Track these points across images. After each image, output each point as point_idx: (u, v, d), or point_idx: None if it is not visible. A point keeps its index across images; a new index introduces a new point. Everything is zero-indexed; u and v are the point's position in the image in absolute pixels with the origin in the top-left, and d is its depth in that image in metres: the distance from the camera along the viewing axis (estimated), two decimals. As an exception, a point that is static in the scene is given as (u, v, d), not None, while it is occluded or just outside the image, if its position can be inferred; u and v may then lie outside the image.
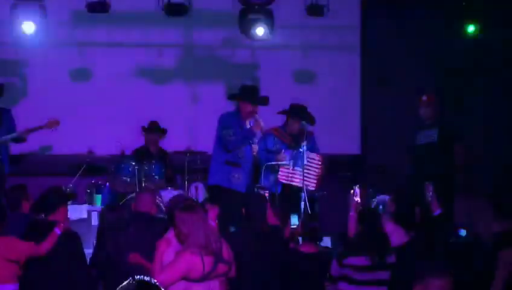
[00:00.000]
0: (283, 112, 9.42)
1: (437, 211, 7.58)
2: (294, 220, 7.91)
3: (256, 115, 9.16)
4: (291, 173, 9.13)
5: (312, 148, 9.31)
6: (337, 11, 11.13)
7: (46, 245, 6.85)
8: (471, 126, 10.95)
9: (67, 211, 7.28)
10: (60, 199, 7.25)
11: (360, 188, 8.17)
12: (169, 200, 7.37)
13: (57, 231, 6.89)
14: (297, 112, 9.37)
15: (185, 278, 5.81)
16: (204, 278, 5.86)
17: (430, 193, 7.73)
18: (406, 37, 11.57)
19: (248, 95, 9.23)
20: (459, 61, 11.53)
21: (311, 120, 9.36)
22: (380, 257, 6.93)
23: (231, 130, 9.08)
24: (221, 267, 5.98)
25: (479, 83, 11.59)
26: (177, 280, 5.81)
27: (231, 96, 9.57)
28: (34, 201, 7.73)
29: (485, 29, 11.20)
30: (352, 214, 7.74)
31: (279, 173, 9.14)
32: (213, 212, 7.21)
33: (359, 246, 7.04)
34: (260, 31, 10.79)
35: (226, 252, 6.07)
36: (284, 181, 9.13)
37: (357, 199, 8.11)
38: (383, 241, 7.07)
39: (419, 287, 5.17)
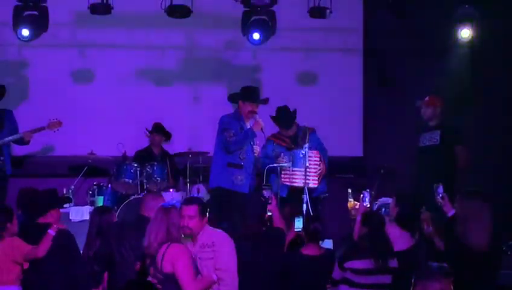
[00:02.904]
0: (272, 119, 9.44)
1: (451, 212, 7.44)
2: (299, 224, 7.87)
3: (256, 115, 9.16)
4: (291, 174, 9.11)
5: (318, 146, 9.29)
6: (339, 13, 11.11)
7: (43, 247, 6.88)
8: (473, 128, 10.92)
9: (59, 213, 7.26)
10: (51, 202, 7.23)
11: (369, 192, 8.11)
12: None
13: (51, 232, 6.90)
14: (278, 117, 9.37)
15: None
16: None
17: (440, 195, 7.55)
18: (408, 38, 11.54)
19: (248, 94, 9.24)
20: (462, 63, 11.50)
21: (286, 123, 9.35)
22: (383, 260, 6.91)
23: (231, 131, 9.08)
24: (153, 272, 6.22)
25: (481, 84, 11.56)
26: None
27: (231, 97, 9.56)
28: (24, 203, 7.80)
29: (482, 33, 11.17)
30: (360, 218, 7.68)
31: (282, 175, 9.13)
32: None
33: (362, 249, 7.01)
34: (256, 36, 10.88)
35: (168, 263, 6.16)
36: (287, 183, 9.12)
37: (366, 203, 8.06)
38: (386, 244, 7.05)
39: (418, 290, 5.16)
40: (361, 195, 8.16)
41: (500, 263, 7.38)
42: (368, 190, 8.21)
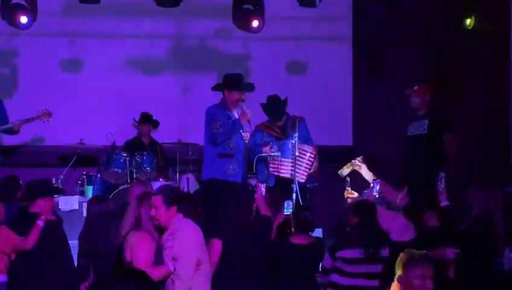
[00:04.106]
0: (263, 109, 9.35)
1: (444, 202, 7.50)
2: (288, 208, 7.87)
3: (244, 104, 9.11)
4: (279, 164, 9.08)
5: (305, 136, 9.24)
6: (328, 1, 11.11)
7: (31, 239, 6.89)
8: (463, 117, 10.95)
9: (49, 203, 7.22)
10: (38, 191, 7.20)
11: (378, 182, 8.07)
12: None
13: (40, 223, 6.92)
14: (269, 108, 9.26)
15: None
16: None
17: (442, 184, 7.62)
18: (397, 27, 11.56)
19: (233, 83, 9.17)
20: (452, 52, 11.52)
21: (278, 115, 9.26)
22: (374, 250, 6.92)
23: (218, 122, 9.01)
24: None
25: (470, 73, 11.59)
26: None
27: (216, 87, 9.48)
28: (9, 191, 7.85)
29: (478, 22, 11.20)
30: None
31: (270, 165, 9.11)
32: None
33: (354, 238, 7.03)
34: (255, 23, 10.85)
35: (129, 250, 6.24)
36: (275, 173, 9.10)
37: (375, 194, 8.05)
38: (378, 234, 7.06)
39: (400, 278, 5.18)
40: (371, 184, 8.16)
41: None
42: (378, 180, 8.19)
